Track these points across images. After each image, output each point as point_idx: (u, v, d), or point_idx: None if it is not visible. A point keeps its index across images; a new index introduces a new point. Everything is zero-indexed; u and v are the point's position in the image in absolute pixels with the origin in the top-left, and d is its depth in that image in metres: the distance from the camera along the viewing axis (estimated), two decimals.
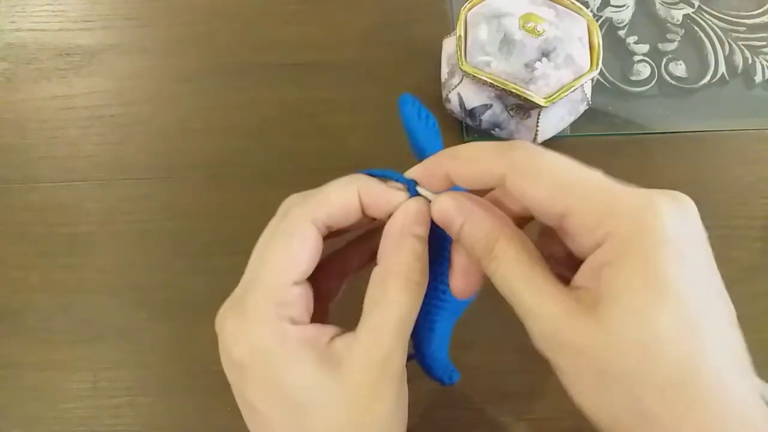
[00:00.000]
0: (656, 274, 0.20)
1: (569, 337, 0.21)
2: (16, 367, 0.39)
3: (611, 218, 0.21)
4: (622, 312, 0.20)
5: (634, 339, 0.20)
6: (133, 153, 0.46)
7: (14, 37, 0.50)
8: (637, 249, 0.20)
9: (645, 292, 0.20)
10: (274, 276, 0.24)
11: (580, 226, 0.22)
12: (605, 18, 0.52)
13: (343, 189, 0.26)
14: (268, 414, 0.24)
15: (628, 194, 0.21)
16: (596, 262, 0.21)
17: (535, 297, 0.22)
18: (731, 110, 0.48)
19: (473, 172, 0.24)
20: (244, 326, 0.24)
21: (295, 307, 0.25)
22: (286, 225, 0.25)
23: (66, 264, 0.42)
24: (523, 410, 0.38)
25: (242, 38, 0.50)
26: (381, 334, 0.24)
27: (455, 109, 0.44)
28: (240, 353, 0.24)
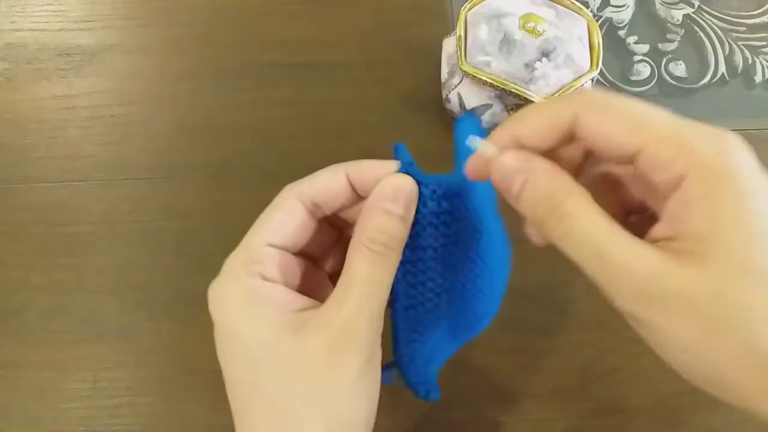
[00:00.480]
0: (754, 206, 0.19)
1: (675, 287, 0.19)
2: (16, 367, 0.39)
3: (691, 151, 0.20)
4: (726, 253, 0.19)
5: (744, 279, 0.19)
6: (133, 153, 0.46)
7: (14, 37, 0.50)
8: (728, 181, 0.19)
9: (747, 227, 0.19)
10: (251, 239, 0.26)
11: (657, 161, 0.21)
12: (605, 18, 0.52)
13: (331, 170, 0.27)
14: (231, 372, 0.25)
15: (703, 127, 0.21)
16: (682, 199, 0.20)
17: (626, 251, 0.20)
18: (731, 110, 0.48)
19: (544, 120, 0.23)
20: (219, 288, 0.25)
21: (267, 264, 0.25)
22: (274, 201, 0.27)
23: (66, 264, 0.42)
24: (523, 410, 0.38)
25: (242, 38, 0.50)
26: (341, 301, 0.24)
27: (455, 109, 0.44)
28: (214, 313, 0.25)
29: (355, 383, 0.24)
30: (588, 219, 0.21)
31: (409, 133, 0.46)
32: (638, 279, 0.20)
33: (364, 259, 0.24)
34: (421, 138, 0.46)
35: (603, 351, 0.39)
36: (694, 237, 0.20)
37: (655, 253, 0.20)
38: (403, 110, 0.47)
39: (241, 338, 0.24)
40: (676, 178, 0.20)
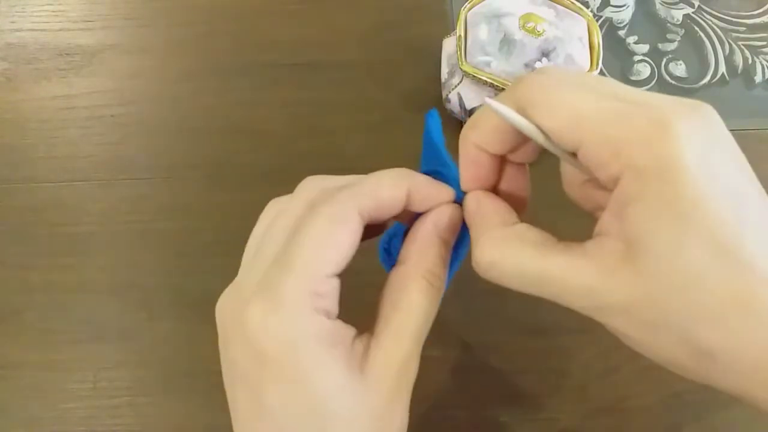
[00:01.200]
0: (684, 206, 0.19)
1: (609, 300, 0.20)
2: (16, 367, 0.39)
3: (626, 148, 0.19)
4: (656, 257, 0.19)
5: (674, 283, 0.19)
6: (133, 153, 0.46)
7: (14, 37, 0.50)
8: (659, 181, 0.19)
9: (675, 229, 0.19)
10: (315, 264, 0.22)
11: (595, 160, 0.20)
12: (605, 18, 0.52)
13: (395, 183, 0.25)
14: (283, 411, 0.22)
15: (642, 118, 0.19)
16: (617, 201, 0.20)
17: (561, 269, 0.21)
18: (731, 110, 0.48)
19: (493, 127, 0.23)
20: (278, 315, 0.21)
21: (331, 299, 0.23)
22: (334, 210, 0.23)
23: (66, 264, 0.42)
24: (524, 410, 0.38)
25: (242, 38, 0.50)
26: (402, 338, 0.23)
27: (455, 109, 0.44)
28: (269, 343, 0.21)
29: (406, 411, 0.24)
30: (507, 253, 0.22)
31: (409, 133, 0.46)
32: (578, 295, 0.21)
33: (423, 292, 0.24)
34: (421, 138, 0.46)
35: (603, 351, 0.39)
36: (628, 238, 0.20)
37: (588, 267, 0.20)
38: (403, 110, 0.47)
39: (308, 381, 0.22)
40: (614, 178, 0.20)
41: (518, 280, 0.22)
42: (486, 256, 0.22)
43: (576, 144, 0.21)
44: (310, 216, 0.23)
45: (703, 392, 0.38)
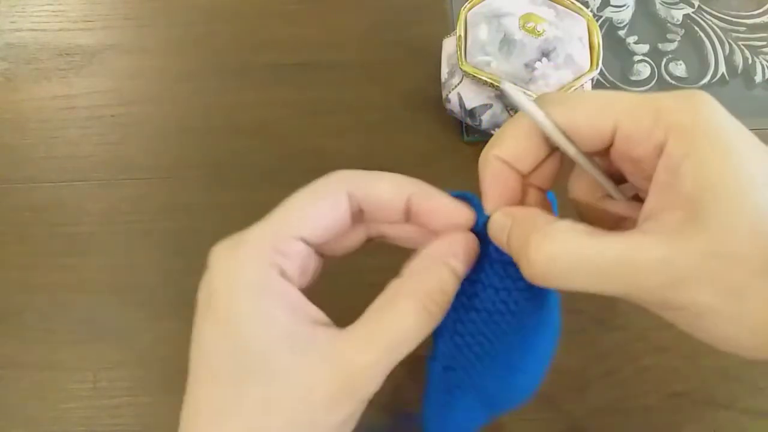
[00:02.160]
0: (738, 154, 0.19)
1: (687, 265, 0.18)
2: (16, 367, 0.39)
3: (667, 113, 0.20)
4: (726, 205, 0.18)
5: (753, 226, 0.18)
6: (133, 153, 0.46)
7: (14, 37, 0.50)
8: (707, 137, 0.19)
9: (737, 174, 0.19)
10: (282, 222, 0.23)
11: (636, 132, 0.20)
12: (605, 18, 0.52)
13: (395, 183, 0.24)
14: (212, 349, 0.22)
15: (669, 94, 0.21)
16: (668, 167, 0.20)
17: (623, 252, 0.19)
18: (731, 110, 0.47)
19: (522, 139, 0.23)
20: (234, 255, 0.23)
21: (290, 260, 0.23)
22: (319, 185, 0.24)
23: (66, 264, 0.42)
24: (523, 410, 0.38)
25: (242, 38, 0.50)
26: (370, 344, 0.22)
27: (455, 109, 0.44)
28: (216, 280, 0.23)
29: (343, 426, 0.22)
30: (566, 242, 0.20)
31: (409, 133, 0.46)
32: (652, 272, 0.19)
33: (414, 313, 0.22)
34: (421, 138, 0.46)
35: (603, 351, 0.39)
36: (689, 197, 0.19)
37: (652, 242, 0.19)
38: (403, 110, 0.47)
39: (241, 331, 0.21)
40: (658, 146, 0.20)
41: (583, 272, 0.20)
42: (543, 251, 0.20)
43: (610, 125, 0.21)
44: (305, 188, 0.24)
45: (703, 392, 0.38)
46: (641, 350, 0.39)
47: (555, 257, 0.20)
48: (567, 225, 0.21)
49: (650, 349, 0.39)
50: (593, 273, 0.20)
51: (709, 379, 0.38)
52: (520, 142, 0.23)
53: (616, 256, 0.19)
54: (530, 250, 0.21)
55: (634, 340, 0.39)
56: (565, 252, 0.20)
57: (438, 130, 0.46)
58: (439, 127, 0.46)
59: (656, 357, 0.39)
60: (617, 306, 0.40)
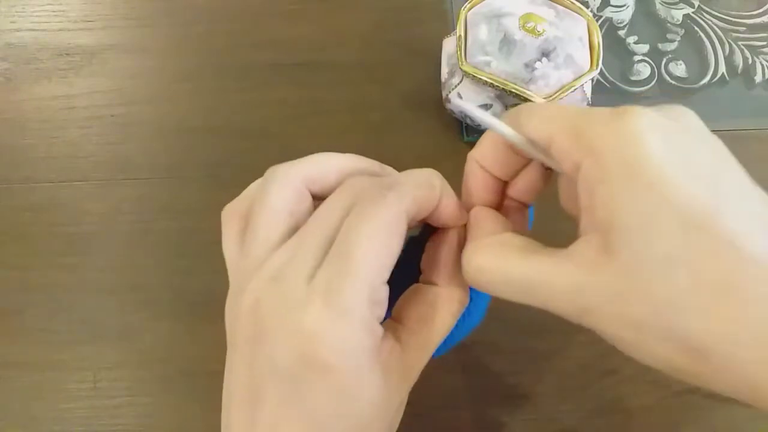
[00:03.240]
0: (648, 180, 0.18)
1: (594, 298, 0.19)
2: (16, 367, 0.39)
3: (586, 132, 0.20)
4: (628, 240, 0.18)
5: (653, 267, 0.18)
6: (133, 153, 0.46)
7: (14, 37, 0.50)
8: (619, 160, 0.18)
9: (643, 206, 0.18)
10: (375, 271, 0.21)
11: (560, 151, 0.21)
12: (605, 18, 0.52)
13: (430, 182, 0.24)
14: (324, 414, 0.21)
15: (604, 110, 0.20)
16: (584, 191, 0.20)
17: (543, 272, 0.20)
18: (731, 110, 0.48)
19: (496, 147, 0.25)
20: (340, 323, 0.20)
21: (383, 307, 0.23)
22: (389, 214, 0.22)
23: (66, 264, 0.42)
24: (523, 410, 0.38)
25: (242, 38, 0.50)
26: (426, 351, 0.24)
27: (455, 109, 0.44)
28: (326, 348, 0.20)
29: None
30: (493, 259, 0.22)
31: (409, 133, 0.46)
32: (564, 298, 0.20)
33: (455, 315, 0.25)
34: (421, 138, 0.46)
35: (603, 351, 0.39)
36: (601, 226, 0.19)
37: (572, 266, 0.20)
38: (403, 110, 0.47)
39: (358, 394, 0.21)
40: (576, 167, 0.20)
41: (505, 286, 0.22)
42: (472, 262, 0.23)
43: (546, 139, 0.22)
44: (365, 216, 0.22)
45: (703, 392, 0.38)
46: None
47: (482, 269, 0.22)
48: (501, 240, 0.23)
49: None
50: (515, 288, 0.22)
51: None
52: (493, 148, 0.25)
53: (536, 278, 0.21)
54: (463, 258, 0.23)
55: None
56: (491, 266, 0.22)
57: (438, 130, 0.46)
58: (439, 127, 0.46)
59: None
60: None
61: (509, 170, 0.25)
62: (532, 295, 0.21)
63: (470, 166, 0.25)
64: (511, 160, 0.25)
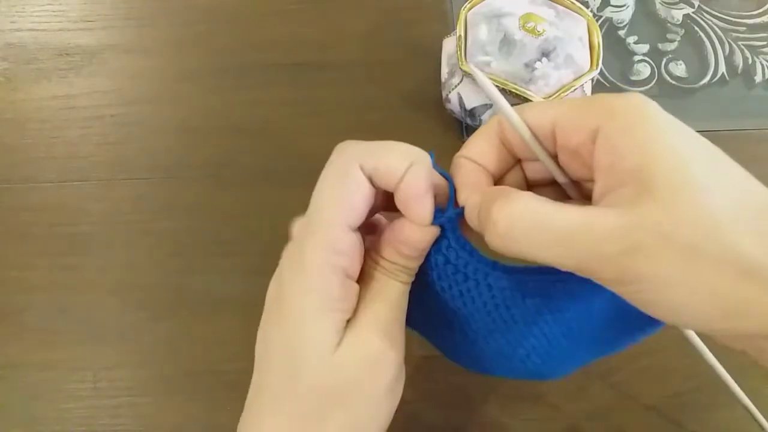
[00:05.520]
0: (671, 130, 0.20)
1: (642, 230, 0.19)
2: (16, 367, 0.39)
3: (600, 104, 0.21)
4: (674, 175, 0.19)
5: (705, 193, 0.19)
6: (133, 153, 0.46)
7: (14, 37, 0.50)
8: (641, 116, 0.20)
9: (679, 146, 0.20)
10: (332, 220, 0.24)
11: (570, 123, 0.22)
12: (605, 18, 0.52)
13: (399, 155, 0.24)
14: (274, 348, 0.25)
15: (603, 94, 0.22)
16: (606, 147, 0.21)
17: (582, 221, 0.20)
18: (731, 110, 0.48)
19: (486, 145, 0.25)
20: (301, 267, 0.24)
21: (350, 257, 0.24)
22: (338, 165, 0.25)
23: (66, 264, 0.42)
24: (523, 411, 0.38)
25: (242, 38, 0.50)
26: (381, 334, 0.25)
27: (455, 109, 0.44)
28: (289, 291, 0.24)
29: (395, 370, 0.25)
30: (529, 204, 0.21)
31: (409, 133, 0.46)
32: (608, 238, 0.19)
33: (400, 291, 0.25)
34: (421, 138, 0.45)
35: None
36: (632, 173, 0.20)
37: (608, 212, 0.20)
38: (403, 110, 0.47)
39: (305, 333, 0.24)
40: (592, 132, 0.21)
41: (543, 235, 0.20)
42: (506, 210, 0.21)
43: (549, 126, 0.22)
44: (325, 173, 0.25)
45: (703, 392, 0.38)
46: (641, 350, 0.39)
47: (517, 217, 0.21)
48: (530, 194, 0.22)
49: (650, 349, 0.39)
50: (553, 237, 0.20)
51: (709, 379, 0.38)
52: (483, 143, 0.25)
53: (577, 222, 0.20)
54: (494, 211, 0.22)
55: None
56: (528, 212, 0.21)
57: (438, 130, 0.46)
58: (439, 127, 0.46)
59: (656, 357, 0.39)
60: None
61: (497, 162, 0.25)
62: (569, 245, 0.20)
63: (461, 164, 0.25)
64: (499, 153, 0.25)
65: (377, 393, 0.25)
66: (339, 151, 0.25)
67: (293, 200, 0.26)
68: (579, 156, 0.22)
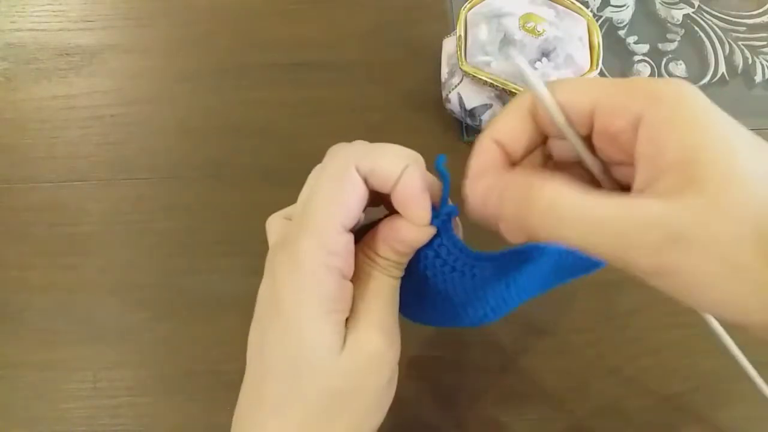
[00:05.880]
0: (715, 117, 0.19)
1: (683, 221, 0.18)
2: (16, 367, 0.39)
3: (641, 89, 0.20)
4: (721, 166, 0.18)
5: (745, 178, 0.18)
6: (133, 153, 0.46)
7: (14, 37, 0.50)
8: (685, 104, 0.20)
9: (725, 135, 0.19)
10: (326, 221, 0.24)
11: (612, 107, 0.21)
12: (605, 18, 0.52)
13: (393, 157, 0.25)
14: (273, 352, 0.25)
15: (642, 77, 0.22)
16: (649, 136, 0.20)
17: (624, 208, 0.19)
18: (731, 110, 0.47)
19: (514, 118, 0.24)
20: (296, 267, 0.24)
21: (343, 258, 0.24)
22: (334, 167, 0.25)
23: (66, 264, 0.42)
24: (523, 410, 0.38)
25: (242, 38, 0.50)
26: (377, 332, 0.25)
27: (455, 109, 0.44)
28: (285, 291, 0.24)
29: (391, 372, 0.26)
30: (570, 189, 0.20)
31: (409, 133, 0.46)
32: (648, 227, 0.19)
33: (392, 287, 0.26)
34: (421, 138, 0.46)
35: (603, 351, 0.39)
36: (677, 164, 0.19)
37: (650, 201, 0.19)
38: (403, 110, 0.47)
39: (305, 335, 0.24)
40: (635, 118, 0.20)
41: (581, 222, 0.20)
42: (545, 196, 0.20)
43: (589, 102, 0.21)
44: (320, 175, 0.25)
45: (703, 392, 0.38)
46: (641, 350, 0.39)
47: (555, 203, 0.20)
48: (565, 177, 0.21)
49: (650, 349, 0.39)
50: (590, 225, 0.20)
51: (709, 379, 0.39)
52: (514, 122, 0.24)
53: (615, 210, 0.19)
54: (532, 192, 0.21)
55: (634, 340, 0.39)
56: (567, 198, 0.20)
57: (438, 130, 0.46)
58: (439, 127, 0.46)
59: (656, 357, 0.39)
60: (617, 306, 0.40)
61: (523, 146, 0.24)
62: (609, 233, 0.19)
63: (484, 143, 0.24)
64: (528, 136, 0.24)
65: (379, 389, 0.25)
66: (333, 153, 0.25)
67: (293, 200, 0.26)
68: (616, 141, 0.21)
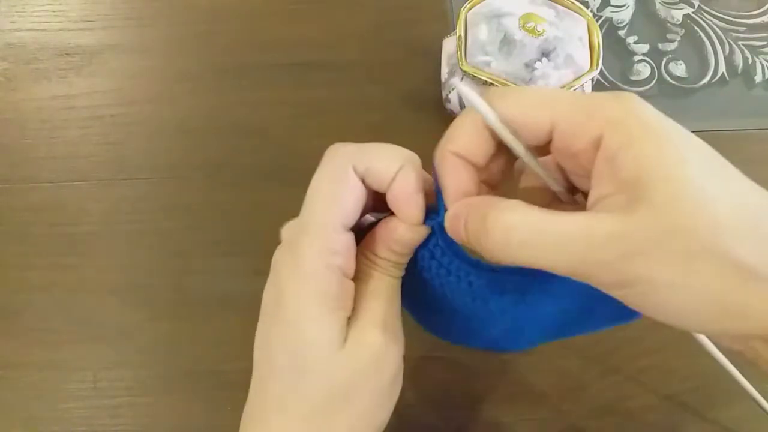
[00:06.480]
0: (672, 141, 0.20)
1: (639, 237, 0.19)
2: (16, 367, 0.39)
3: (601, 110, 0.21)
4: (673, 182, 0.19)
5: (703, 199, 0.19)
6: (133, 153, 0.46)
7: (14, 37, 0.50)
8: (642, 127, 0.20)
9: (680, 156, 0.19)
10: (326, 220, 0.24)
11: (572, 128, 0.21)
12: (605, 18, 0.52)
13: (389, 157, 0.25)
14: (277, 350, 0.25)
15: (602, 93, 0.22)
16: (606, 158, 0.20)
17: (579, 226, 0.20)
18: (731, 110, 0.48)
19: (472, 130, 0.24)
20: (298, 267, 0.24)
21: (344, 255, 0.24)
22: (332, 167, 0.25)
23: (66, 264, 0.42)
24: (523, 411, 0.38)
25: (242, 38, 0.50)
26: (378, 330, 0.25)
27: (455, 109, 0.44)
28: (288, 291, 0.25)
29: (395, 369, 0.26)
30: (524, 215, 0.21)
31: (409, 133, 0.46)
32: (605, 245, 0.19)
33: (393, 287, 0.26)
34: (421, 138, 0.45)
35: (603, 351, 0.39)
36: (630, 183, 0.20)
37: (606, 217, 0.20)
38: (403, 110, 0.47)
39: (307, 334, 0.24)
40: (595, 140, 0.21)
41: (540, 243, 0.20)
42: (502, 220, 0.21)
43: (549, 120, 0.22)
44: (317, 176, 0.25)
45: (703, 392, 0.38)
46: (641, 350, 0.39)
47: (513, 227, 0.21)
48: (521, 202, 0.22)
49: (649, 349, 0.39)
50: (550, 245, 0.20)
51: (709, 379, 0.39)
52: (471, 135, 0.24)
53: (573, 229, 0.20)
54: (488, 222, 0.21)
55: (634, 340, 0.39)
56: (523, 222, 0.21)
57: (438, 130, 0.46)
58: (439, 127, 0.46)
59: (655, 357, 0.39)
60: None
61: (485, 155, 0.24)
62: (566, 252, 0.20)
63: (448, 159, 0.24)
64: (487, 145, 0.24)
65: (382, 387, 0.25)
66: (331, 153, 0.26)
67: (293, 200, 0.26)
68: (576, 158, 0.22)
